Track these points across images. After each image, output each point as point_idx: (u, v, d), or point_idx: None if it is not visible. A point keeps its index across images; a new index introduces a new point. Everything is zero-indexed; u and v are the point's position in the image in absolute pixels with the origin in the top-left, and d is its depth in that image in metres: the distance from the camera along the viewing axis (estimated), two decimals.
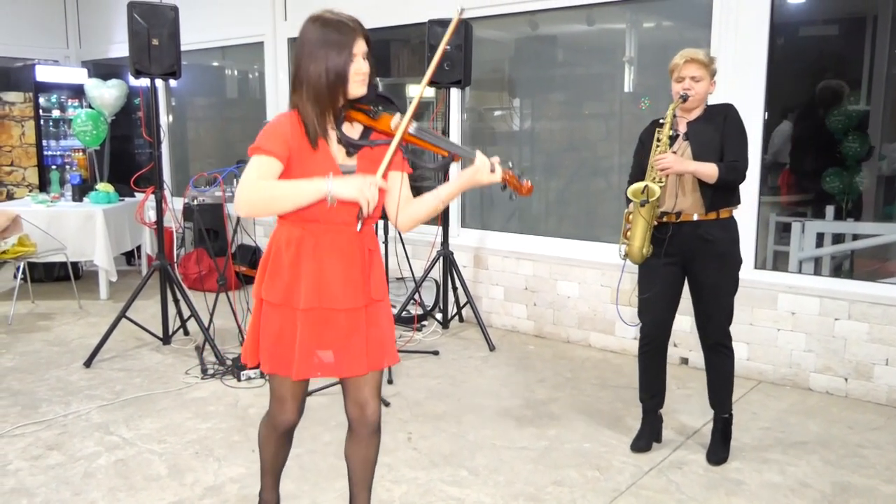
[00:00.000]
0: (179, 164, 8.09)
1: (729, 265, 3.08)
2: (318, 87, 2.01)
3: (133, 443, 3.41)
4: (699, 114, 3.06)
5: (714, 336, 3.13)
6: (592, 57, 5.37)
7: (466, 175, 2.09)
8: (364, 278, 2.17)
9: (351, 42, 2.02)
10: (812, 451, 3.32)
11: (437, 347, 4.78)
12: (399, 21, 5.65)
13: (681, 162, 2.92)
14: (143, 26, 4.30)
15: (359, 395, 2.25)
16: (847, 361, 3.96)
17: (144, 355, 4.67)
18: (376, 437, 2.31)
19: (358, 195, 1.93)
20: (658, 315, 3.19)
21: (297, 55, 2.06)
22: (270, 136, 2.03)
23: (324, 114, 2.04)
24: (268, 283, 2.15)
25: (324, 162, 2.06)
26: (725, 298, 3.09)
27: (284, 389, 2.27)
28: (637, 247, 3.03)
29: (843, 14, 5.29)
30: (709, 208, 2.99)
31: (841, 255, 5.07)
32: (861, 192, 5.07)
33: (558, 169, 5.52)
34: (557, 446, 3.38)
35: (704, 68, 2.97)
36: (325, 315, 2.14)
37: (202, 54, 7.48)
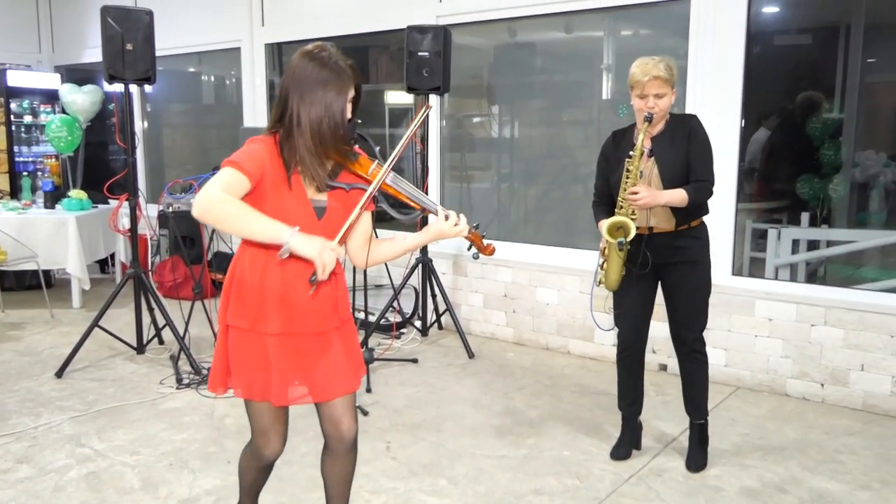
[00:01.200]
0: (154, 170, 7.99)
1: (701, 269, 3.09)
2: (322, 132, 1.99)
3: (105, 455, 3.34)
4: (662, 127, 3.03)
5: (689, 342, 3.13)
6: (571, 64, 5.39)
7: (434, 232, 2.14)
8: (332, 301, 2.16)
9: (348, 87, 2.01)
10: (790, 457, 3.33)
11: (416, 355, 4.75)
12: (378, 27, 5.64)
13: (654, 197, 2.88)
14: (117, 31, 4.25)
15: (333, 414, 2.22)
16: (823, 367, 3.99)
17: (118, 365, 4.58)
18: (353, 453, 2.28)
19: (316, 257, 1.90)
20: (633, 324, 3.19)
21: (288, 90, 2.01)
22: (249, 156, 2.00)
23: (322, 161, 2.02)
24: (234, 309, 2.10)
25: (297, 197, 2.04)
26: (700, 302, 3.11)
27: (265, 421, 2.22)
28: (614, 279, 3.06)
29: (817, 23, 5.36)
30: (680, 223, 3.01)
31: (816, 261, 5.13)
32: (835, 200, 5.12)
33: (537, 176, 5.53)
34: (537, 454, 3.37)
35: (667, 83, 2.90)
36: (296, 340, 2.11)
37: (178, 59, 7.41)
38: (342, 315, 2.20)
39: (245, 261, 2.10)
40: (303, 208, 2.04)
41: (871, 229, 5.13)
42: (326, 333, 2.15)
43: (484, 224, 5.69)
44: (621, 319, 3.22)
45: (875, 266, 5.07)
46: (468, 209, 5.70)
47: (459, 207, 5.66)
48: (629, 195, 2.90)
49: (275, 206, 2.00)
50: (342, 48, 2.08)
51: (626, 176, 2.95)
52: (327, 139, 1.99)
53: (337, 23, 5.81)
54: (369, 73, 7.69)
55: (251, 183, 1.97)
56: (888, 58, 5.24)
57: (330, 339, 2.16)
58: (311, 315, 2.10)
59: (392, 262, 5.09)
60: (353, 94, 2.04)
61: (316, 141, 1.99)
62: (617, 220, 2.94)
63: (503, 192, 5.73)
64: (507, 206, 5.74)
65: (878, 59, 5.20)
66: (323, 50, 2.03)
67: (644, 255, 3.01)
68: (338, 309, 2.18)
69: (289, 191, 2.02)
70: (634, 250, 3.03)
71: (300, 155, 2.00)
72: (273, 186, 2.01)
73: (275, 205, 2.00)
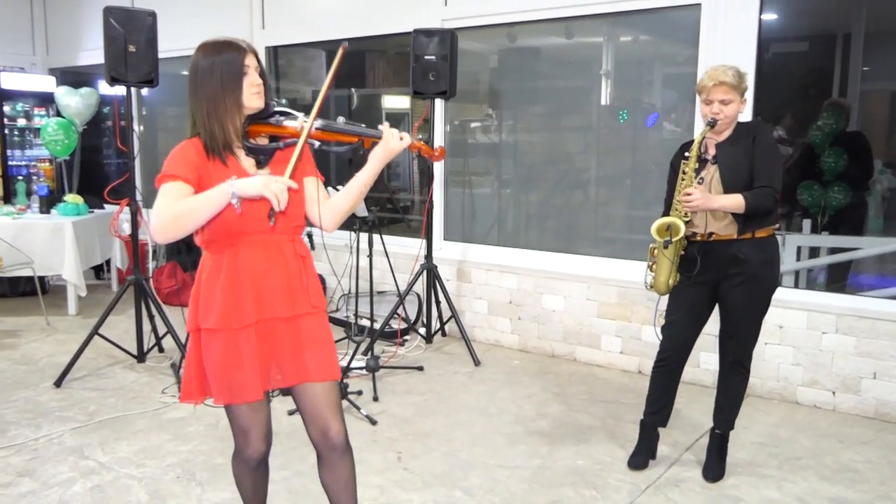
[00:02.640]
0: (150, 175, 7.88)
1: (761, 287, 2.96)
2: (216, 98, 2.03)
3: (110, 467, 3.26)
4: (728, 134, 2.96)
5: (735, 355, 3.07)
6: (572, 70, 5.36)
7: (377, 151, 2.12)
8: (301, 284, 2.13)
9: (242, 55, 2.06)
10: (806, 467, 3.30)
11: (421, 362, 4.69)
12: (382, 31, 5.57)
13: (707, 200, 2.81)
14: (120, 32, 4.17)
15: (318, 418, 2.17)
16: (834, 375, 3.96)
17: (118, 374, 4.50)
18: (347, 456, 2.23)
19: (263, 190, 1.90)
20: (680, 335, 3.11)
21: (190, 82, 2.06)
22: (176, 161, 2.03)
23: (224, 125, 2.05)
24: (203, 311, 2.08)
25: (236, 173, 2.04)
26: (753, 320, 3.02)
27: (245, 420, 2.19)
28: (662, 281, 2.99)
29: (817, 31, 5.36)
30: (742, 231, 2.90)
31: (818, 268, 5.12)
32: (839, 208, 5.11)
33: (538, 181, 5.49)
34: (551, 464, 3.31)
35: (734, 90, 2.86)
36: (267, 327, 2.09)
37: (173, 62, 7.30)
38: (314, 301, 2.16)
39: (208, 263, 2.11)
40: None
41: (870, 236, 5.13)
42: (298, 319, 2.12)
43: (484, 229, 5.67)
44: (669, 328, 3.13)
45: (872, 272, 5.08)
46: (470, 215, 5.65)
47: (461, 213, 5.62)
48: (682, 197, 2.84)
49: None
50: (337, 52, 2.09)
51: (682, 178, 2.91)
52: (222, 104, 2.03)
53: (339, 26, 5.76)
54: (366, 78, 7.64)
55: (190, 184, 2.00)
56: (884, 67, 5.25)
57: (300, 324, 2.13)
58: (281, 299, 2.09)
59: (397, 270, 5.04)
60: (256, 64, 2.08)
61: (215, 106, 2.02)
62: (666, 220, 2.90)
63: (504, 198, 5.68)
64: (508, 211, 5.70)
65: (874, 68, 5.20)
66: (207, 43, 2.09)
67: (694, 259, 2.94)
68: (309, 293, 2.15)
69: (227, 172, 2.03)
70: (691, 257, 2.96)
71: (205, 130, 2.04)
72: (210, 178, 2.02)
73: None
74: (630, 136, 5.17)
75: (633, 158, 5.14)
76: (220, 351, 2.07)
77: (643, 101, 5.11)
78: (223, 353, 2.07)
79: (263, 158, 2.12)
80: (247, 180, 1.92)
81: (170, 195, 1.97)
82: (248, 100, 2.07)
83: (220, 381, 2.09)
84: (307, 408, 2.20)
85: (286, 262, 2.12)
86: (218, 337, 2.07)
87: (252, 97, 2.07)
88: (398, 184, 7.83)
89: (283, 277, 2.10)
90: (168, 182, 2.00)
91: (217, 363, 2.08)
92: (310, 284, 2.16)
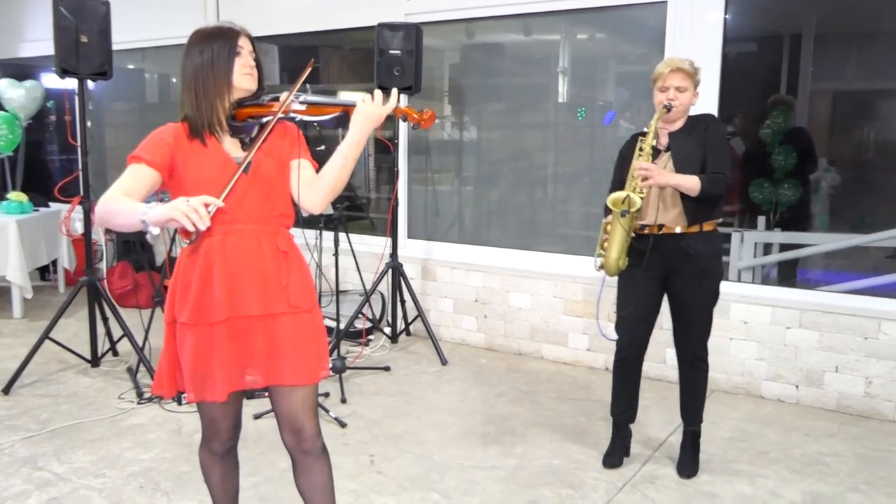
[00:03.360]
0: (98, 172, 7.60)
1: (710, 280, 3.01)
2: (206, 76, 1.98)
3: (67, 478, 3.10)
4: (681, 125, 2.99)
5: (692, 351, 3.09)
6: (531, 67, 5.34)
7: (358, 116, 2.00)
8: (280, 283, 2.04)
9: (234, 36, 2.01)
10: (776, 461, 3.33)
11: (387, 363, 4.61)
12: (343, 25, 5.46)
13: (663, 174, 2.83)
14: (71, 21, 3.98)
15: (293, 420, 2.10)
16: (798, 369, 4.03)
17: (70, 379, 4.30)
18: (323, 459, 2.16)
19: (170, 212, 1.75)
20: (635, 330, 3.11)
21: (182, 64, 2.02)
22: (148, 142, 1.99)
23: (213, 103, 2.00)
24: (179, 303, 2.02)
25: (216, 157, 2.00)
26: (705, 313, 3.05)
27: (214, 411, 2.13)
28: (614, 258, 2.95)
29: (768, 31, 5.45)
30: (692, 221, 2.92)
31: (770, 265, 5.21)
32: (791, 205, 5.21)
33: (498, 178, 5.45)
34: (526, 464, 3.28)
35: (689, 78, 2.90)
36: (241, 325, 2.01)
37: (120, 56, 7.05)
38: (293, 301, 2.06)
39: (185, 255, 2.03)
40: (226, 166, 1.99)
41: (817, 232, 5.25)
42: (272, 318, 2.03)
43: (446, 226, 5.61)
44: (623, 323, 3.12)
45: (818, 267, 5.21)
46: (433, 212, 5.59)
47: (424, 210, 5.55)
48: (638, 170, 2.81)
49: (197, 175, 1.97)
50: (290, 48, 2.05)
51: (639, 154, 2.90)
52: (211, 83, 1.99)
53: (298, 19, 5.63)
54: (320, 74, 7.50)
55: (158, 169, 1.95)
56: (831, 67, 5.37)
57: (277, 324, 2.04)
58: (254, 295, 2.00)
59: (364, 268, 4.94)
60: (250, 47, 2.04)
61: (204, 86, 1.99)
62: (621, 193, 2.85)
63: (466, 195, 5.63)
64: (470, 209, 5.65)
65: (822, 68, 5.32)
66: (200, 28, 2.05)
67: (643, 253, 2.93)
68: (287, 293, 2.05)
69: (208, 155, 1.99)
70: (641, 250, 2.95)
71: (193, 109, 1.99)
72: (187, 159, 1.98)
73: (197, 174, 1.98)
74: (588, 134, 5.18)
75: (591, 156, 5.15)
76: (193, 346, 2.00)
77: (600, 98, 5.13)
78: (195, 349, 2.00)
79: (247, 138, 2.03)
80: (157, 208, 1.79)
81: (125, 178, 1.93)
82: (239, 80, 2.01)
83: (192, 378, 2.02)
84: (281, 411, 2.12)
85: (262, 257, 2.02)
86: (191, 332, 1.99)
87: (244, 77, 2.02)
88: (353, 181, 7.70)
89: (257, 273, 2.01)
90: (132, 163, 1.96)
91: (189, 359, 2.01)
92: (291, 282, 2.06)
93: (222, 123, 2.02)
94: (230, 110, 2.02)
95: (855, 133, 5.40)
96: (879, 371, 3.81)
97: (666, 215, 2.95)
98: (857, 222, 5.21)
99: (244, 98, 2.04)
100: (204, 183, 1.94)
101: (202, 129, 1.99)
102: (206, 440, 2.22)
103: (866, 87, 5.29)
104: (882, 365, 3.80)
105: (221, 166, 1.98)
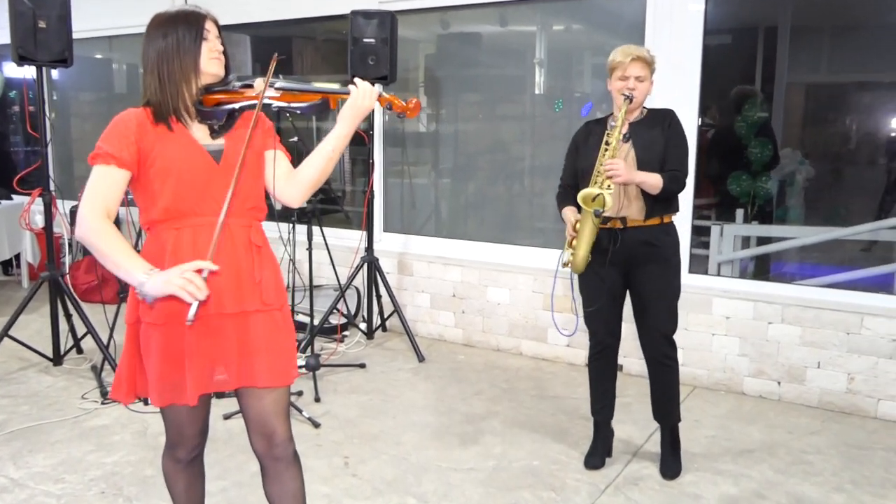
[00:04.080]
0: (63, 163, 7.37)
1: (672, 270, 2.99)
2: (171, 59, 1.87)
3: (24, 484, 2.95)
4: (640, 116, 2.96)
5: (659, 347, 3.01)
6: (506, 58, 5.23)
7: (346, 109, 1.95)
8: (253, 279, 1.93)
9: (200, 20, 1.92)
10: (760, 460, 3.27)
11: (362, 359, 4.49)
12: (316, 13, 5.30)
13: (630, 172, 2.79)
14: (28, 6, 3.80)
15: (263, 424, 1.99)
16: (780, 365, 3.97)
17: (31, 378, 4.12)
18: (294, 466, 2.05)
19: (167, 289, 1.71)
20: (607, 320, 3.05)
21: (144, 49, 1.91)
22: (111, 136, 1.84)
23: (179, 88, 1.88)
24: (143, 302, 1.85)
25: (185, 146, 1.88)
26: (671, 304, 3.00)
27: (180, 416, 2.00)
28: (582, 256, 2.88)
29: (743, 23, 5.40)
30: (650, 214, 2.90)
31: (746, 259, 5.17)
32: (768, 197, 5.18)
33: (474, 171, 5.34)
34: (506, 465, 3.18)
35: (647, 67, 2.86)
36: (213, 323, 1.88)
37: (85, 44, 6.82)
38: (266, 298, 1.95)
39: (153, 247, 1.89)
40: (195, 154, 1.88)
41: (791, 225, 5.23)
42: (245, 315, 1.92)
43: (422, 219, 5.49)
44: (593, 318, 3.06)
45: (792, 259, 5.19)
46: (410, 206, 5.47)
47: (400, 203, 5.42)
48: (606, 166, 2.76)
49: (163, 164, 1.85)
50: (262, 38, 1.93)
51: (605, 149, 2.84)
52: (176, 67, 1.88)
53: (269, 7, 5.46)
54: (293, 65, 7.33)
55: (129, 169, 1.84)
56: (806, 59, 5.34)
57: (249, 322, 1.93)
58: (226, 292, 1.87)
59: (338, 263, 4.80)
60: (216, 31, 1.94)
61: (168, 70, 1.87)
62: (592, 190, 2.78)
63: (442, 188, 5.52)
64: (447, 202, 5.54)
65: (797, 61, 5.29)
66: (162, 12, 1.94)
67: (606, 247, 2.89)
68: (261, 290, 1.94)
69: (177, 143, 1.87)
70: (604, 244, 2.90)
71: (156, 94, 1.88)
72: (154, 149, 1.85)
73: (163, 162, 1.85)
74: (565, 126, 5.08)
75: (567, 148, 5.06)
76: (161, 347, 1.86)
77: (577, 90, 5.04)
78: (163, 350, 1.86)
79: (218, 125, 1.92)
80: (155, 279, 1.72)
81: (102, 188, 1.81)
82: (206, 65, 1.90)
83: (159, 382, 1.88)
84: (251, 413, 2.01)
85: (236, 252, 1.91)
86: (160, 331, 1.86)
87: (211, 62, 1.91)
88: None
89: (230, 268, 1.88)
90: (101, 164, 1.82)
91: (157, 361, 1.87)
92: (264, 278, 1.95)
93: (189, 109, 1.91)
94: (197, 96, 1.91)
95: (829, 126, 5.39)
96: (861, 367, 3.77)
97: (630, 208, 2.91)
98: (831, 214, 5.20)
99: (212, 84, 1.93)
100: (172, 173, 1.84)
101: (167, 114, 1.88)
102: (171, 447, 2.09)
103: (841, 80, 5.28)
104: (864, 360, 3.76)
105: (190, 154, 1.87)
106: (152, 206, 1.87)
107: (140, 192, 1.90)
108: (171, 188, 1.84)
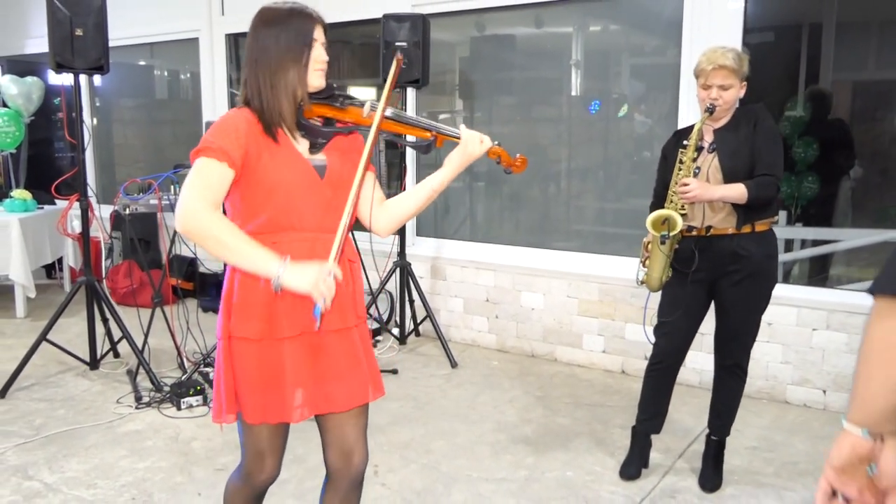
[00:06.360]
0: (105, 168, 7.52)
1: (763, 284, 2.78)
2: (276, 69, 1.78)
3: (57, 489, 2.97)
4: (726, 121, 2.78)
5: (734, 357, 2.89)
6: (542, 60, 5.15)
7: (456, 155, 1.92)
8: (350, 293, 1.88)
9: (311, 26, 1.82)
10: (805, 473, 3.14)
11: (395, 365, 4.46)
12: (349, 17, 5.28)
13: (706, 190, 2.64)
14: (66, 14, 3.84)
15: (344, 442, 1.91)
16: (825, 373, 3.82)
17: (69, 382, 4.18)
18: (358, 490, 1.99)
19: (312, 290, 1.67)
20: (676, 336, 2.92)
21: (249, 44, 1.81)
22: (222, 132, 1.73)
23: (280, 99, 1.78)
24: (238, 317, 1.79)
25: (294, 161, 1.79)
26: (754, 320, 2.84)
27: (263, 442, 1.88)
28: (656, 277, 2.78)
29: (787, 21, 5.24)
30: (742, 223, 2.72)
31: (790, 261, 5.01)
32: (812, 199, 5.02)
33: (511, 174, 5.26)
34: (538, 476, 3.11)
35: (734, 74, 2.67)
36: (315, 340, 1.81)
37: (128, 51, 6.95)
38: (359, 312, 1.92)
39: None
40: (301, 166, 1.80)
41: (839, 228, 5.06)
42: (348, 331, 1.86)
43: (456, 224, 5.44)
44: (664, 329, 2.94)
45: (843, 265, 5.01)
46: (443, 210, 5.42)
47: (434, 207, 5.38)
48: (679, 187, 2.65)
49: (272, 177, 1.76)
50: None
51: (679, 168, 2.72)
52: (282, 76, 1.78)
53: None
54: (331, 69, 7.35)
55: (234, 167, 1.71)
56: (853, 56, 5.16)
57: (352, 337, 1.87)
58: (332, 309, 1.78)
59: (369, 267, 4.78)
60: (323, 38, 1.85)
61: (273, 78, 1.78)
62: (662, 212, 2.70)
63: (476, 192, 5.45)
64: (481, 206, 5.47)
65: (842, 58, 5.11)
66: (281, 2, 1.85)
67: (691, 255, 2.76)
68: (356, 303, 1.90)
69: (281, 154, 1.78)
70: (687, 253, 2.77)
71: (260, 99, 1.79)
72: (260, 156, 1.76)
73: (271, 175, 1.76)
74: (602, 128, 4.99)
75: (605, 150, 4.97)
76: (259, 364, 1.79)
77: (615, 91, 4.94)
78: (261, 368, 1.79)
79: (320, 142, 1.85)
80: (297, 271, 1.67)
81: (204, 184, 1.70)
82: (310, 77, 1.81)
83: (255, 399, 1.80)
84: (333, 432, 1.92)
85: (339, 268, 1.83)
86: (256, 347, 1.79)
87: (315, 74, 1.82)
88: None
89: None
90: (207, 158, 1.71)
91: (253, 377, 1.80)
92: (356, 292, 1.91)
93: (288, 120, 1.82)
94: (300, 106, 1.83)
95: (877, 124, 5.20)
96: None
97: (714, 217, 2.76)
98: (880, 216, 5.01)
99: (313, 94, 1.85)
100: (281, 187, 1.77)
101: (274, 125, 1.79)
102: (248, 475, 1.93)
103: (890, 77, 5.09)
104: None
105: (299, 169, 1.80)
106: (251, 216, 1.79)
107: (237, 199, 1.81)
108: (277, 202, 1.77)
